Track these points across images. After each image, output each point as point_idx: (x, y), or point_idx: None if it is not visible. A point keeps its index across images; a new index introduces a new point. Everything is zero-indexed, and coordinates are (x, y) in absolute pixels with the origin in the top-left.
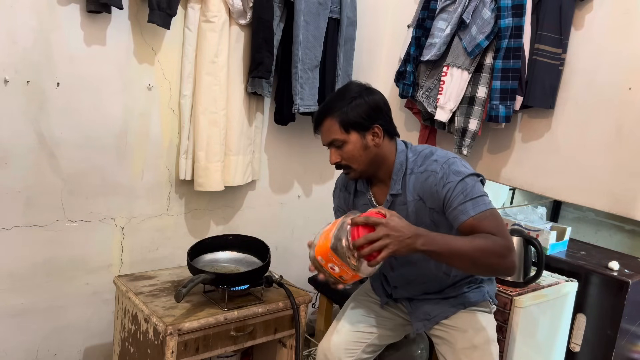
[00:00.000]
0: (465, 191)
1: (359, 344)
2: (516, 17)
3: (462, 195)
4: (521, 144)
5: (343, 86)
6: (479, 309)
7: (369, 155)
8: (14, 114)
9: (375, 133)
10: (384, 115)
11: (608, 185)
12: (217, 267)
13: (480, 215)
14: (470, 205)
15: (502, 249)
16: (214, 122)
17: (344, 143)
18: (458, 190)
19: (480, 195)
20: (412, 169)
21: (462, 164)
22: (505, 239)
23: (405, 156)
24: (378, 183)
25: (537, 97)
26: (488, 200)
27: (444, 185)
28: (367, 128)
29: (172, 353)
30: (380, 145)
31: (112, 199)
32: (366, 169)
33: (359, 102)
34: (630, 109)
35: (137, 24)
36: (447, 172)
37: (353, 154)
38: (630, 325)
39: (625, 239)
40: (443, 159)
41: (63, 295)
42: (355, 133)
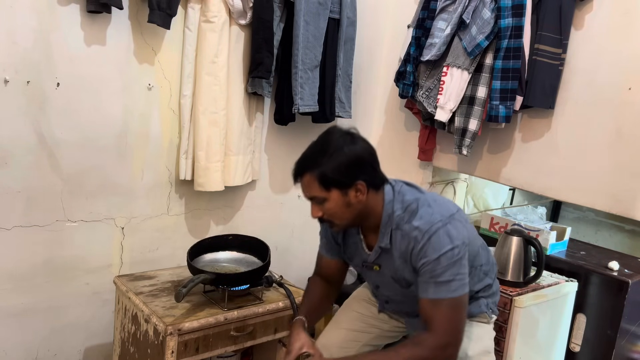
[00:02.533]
0: (435, 272)
1: (354, 342)
2: (516, 17)
3: (429, 274)
4: (521, 144)
5: (324, 134)
6: (475, 320)
7: (352, 211)
8: (14, 114)
9: (358, 189)
10: (367, 169)
11: (608, 185)
12: (217, 267)
13: (436, 301)
14: (432, 287)
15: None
16: (214, 122)
17: (324, 200)
18: (429, 268)
19: (446, 280)
20: (398, 223)
21: (446, 235)
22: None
23: (392, 208)
24: (368, 228)
25: (537, 97)
26: (455, 286)
27: (421, 258)
28: (349, 185)
29: (172, 353)
30: (365, 201)
31: (112, 199)
32: (350, 224)
33: (339, 157)
34: (630, 109)
35: (137, 24)
36: (426, 245)
37: (334, 211)
38: (630, 325)
39: (625, 239)
40: (426, 225)
41: (63, 295)
42: (336, 190)
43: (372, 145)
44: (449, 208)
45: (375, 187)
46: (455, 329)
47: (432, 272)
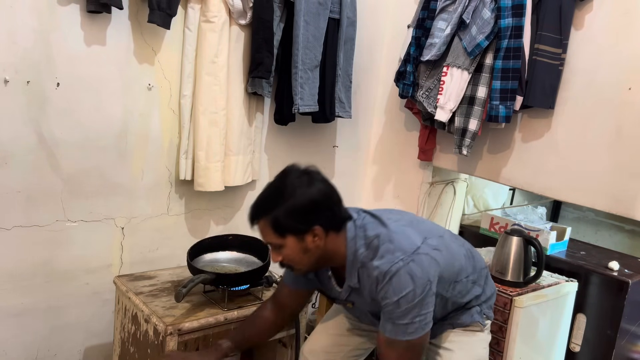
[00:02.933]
0: (394, 313)
1: (341, 347)
2: (516, 17)
3: (389, 313)
4: (521, 144)
5: (280, 175)
6: (469, 329)
7: (311, 257)
8: (14, 114)
9: (315, 234)
10: (324, 212)
11: (608, 185)
12: (217, 267)
13: (392, 341)
14: (390, 326)
15: None
16: (214, 122)
17: (281, 246)
18: (389, 309)
19: (404, 323)
20: (363, 262)
21: (407, 274)
22: None
23: (355, 246)
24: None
25: (537, 97)
26: (413, 328)
27: (382, 297)
28: (304, 231)
29: None
30: (324, 244)
31: (112, 199)
32: (312, 268)
33: (293, 202)
34: (630, 109)
35: (137, 24)
36: (386, 286)
37: (292, 257)
38: (630, 325)
39: (625, 239)
40: (386, 265)
41: (63, 295)
42: (291, 237)
43: (331, 185)
44: (411, 242)
45: (335, 229)
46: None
47: (392, 313)
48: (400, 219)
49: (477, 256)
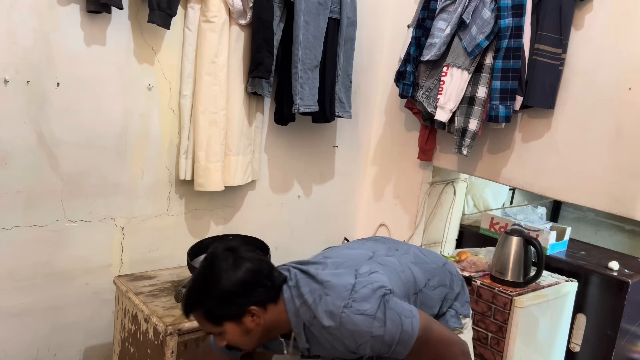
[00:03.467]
0: (386, 342)
1: None
2: (516, 17)
3: (386, 346)
4: (521, 144)
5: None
6: None
7: (255, 335)
8: (14, 114)
9: (253, 314)
10: (256, 290)
11: (608, 186)
12: None
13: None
14: (401, 348)
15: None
16: (214, 122)
17: (221, 334)
18: (378, 346)
19: (400, 334)
20: (308, 320)
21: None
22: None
23: (294, 307)
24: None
25: (537, 97)
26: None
27: (358, 347)
28: (240, 315)
29: (172, 353)
30: (265, 319)
31: (112, 199)
32: (260, 343)
33: (221, 289)
34: (630, 109)
35: (137, 24)
36: (350, 336)
37: (236, 341)
38: (630, 325)
39: (625, 239)
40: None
41: (63, 295)
42: (229, 323)
43: (258, 259)
44: (345, 284)
45: (272, 300)
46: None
47: (384, 344)
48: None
49: (431, 257)
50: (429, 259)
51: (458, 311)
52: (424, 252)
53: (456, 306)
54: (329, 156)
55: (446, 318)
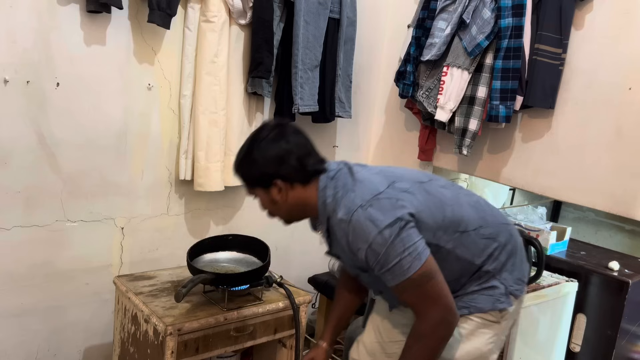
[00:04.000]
0: (379, 262)
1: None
2: (516, 17)
3: (377, 266)
4: (521, 144)
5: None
6: (484, 317)
7: (281, 207)
8: (14, 114)
9: (279, 187)
10: (288, 166)
11: (608, 185)
12: (217, 267)
13: (399, 287)
14: (389, 276)
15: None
16: (214, 122)
17: (256, 195)
18: (372, 260)
19: (394, 264)
20: (329, 214)
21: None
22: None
23: (324, 196)
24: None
25: (537, 97)
26: (406, 264)
27: (356, 251)
28: (268, 184)
29: (172, 353)
30: (291, 196)
31: (112, 199)
32: (289, 218)
33: (256, 157)
34: (630, 109)
35: (137, 24)
36: (353, 236)
37: (267, 207)
38: (630, 325)
39: (625, 239)
40: (347, 215)
41: (63, 295)
42: (259, 189)
43: (302, 138)
44: (373, 188)
45: (300, 181)
46: (435, 301)
47: (377, 261)
48: (374, 168)
49: (495, 212)
50: (491, 211)
51: (508, 288)
52: (491, 206)
53: (508, 280)
54: (329, 156)
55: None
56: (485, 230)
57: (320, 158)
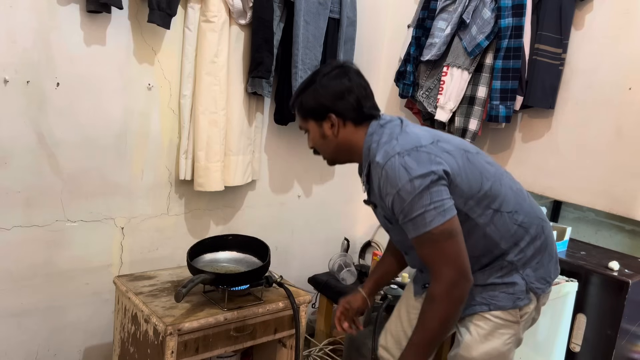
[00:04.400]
0: (404, 210)
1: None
2: (516, 17)
3: (401, 214)
4: (521, 144)
5: (319, 68)
6: (503, 317)
7: (330, 144)
8: (14, 114)
9: (331, 122)
10: (344, 103)
11: (608, 185)
12: (217, 267)
13: (418, 240)
14: (411, 226)
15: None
16: (214, 122)
17: (307, 130)
18: (397, 207)
19: (418, 215)
20: (372, 157)
21: (402, 167)
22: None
23: (370, 142)
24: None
25: (537, 97)
26: (430, 217)
27: (385, 195)
28: (322, 117)
29: (172, 353)
30: (342, 134)
31: (112, 199)
32: (334, 157)
33: (315, 88)
34: (630, 109)
35: (137, 24)
36: (385, 180)
37: (315, 141)
38: (630, 325)
39: (625, 239)
40: (384, 159)
41: (63, 295)
42: (312, 121)
43: (363, 81)
44: (416, 140)
45: (353, 121)
46: (451, 261)
47: (402, 209)
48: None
49: (532, 203)
50: (530, 202)
51: (529, 284)
52: (531, 198)
53: (530, 276)
54: None
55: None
56: (519, 217)
57: (375, 104)
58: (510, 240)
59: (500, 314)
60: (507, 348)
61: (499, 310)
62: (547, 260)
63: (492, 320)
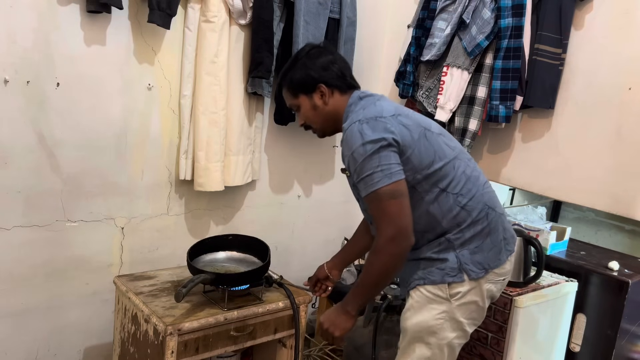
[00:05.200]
0: (356, 170)
1: None
2: (516, 17)
3: (355, 174)
4: (521, 144)
5: (300, 49)
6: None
7: (320, 114)
8: (14, 114)
9: (321, 92)
10: (329, 74)
11: (608, 185)
12: (217, 267)
13: (367, 199)
14: (362, 185)
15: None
16: (214, 122)
17: (298, 106)
18: (351, 167)
19: (368, 174)
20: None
21: (358, 132)
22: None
23: (348, 111)
24: None
25: (537, 97)
26: (377, 178)
27: (343, 157)
28: (312, 89)
29: (172, 353)
30: (330, 103)
31: (112, 199)
32: (324, 126)
33: (304, 62)
34: (630, 109)
35: (137, 24)
36: (344, 143)
37: (307, 115)
38: (630, 325)
39: (625, 239)
40: (348, 124)
41: (63, 296)
42: (302, 96)
43: (339, 56)
44: (379, 112)
45: (340, 89)
46: (392, 219)
47: (355, 169)
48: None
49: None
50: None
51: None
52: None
53: (464, 255)
54: (329, 156)
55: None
56: (463, 200)
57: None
58: (452, 220)
59: (431, 288)
60: (438, 324)
61: (431, 284)
62: (488, 248)
63: (424, 294)
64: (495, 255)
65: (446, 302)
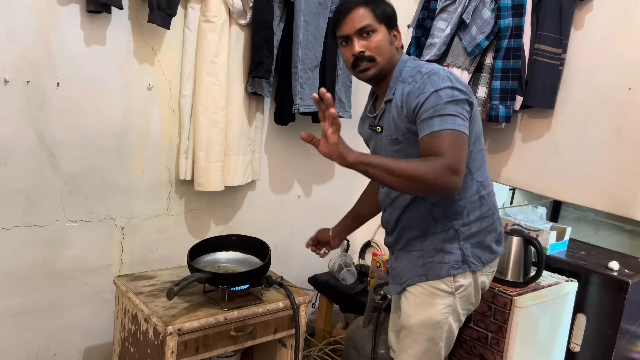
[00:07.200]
0: (437, 106)
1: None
2: (516, 17)
3: (432, 109)
4: (521, 144)
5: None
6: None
7: (391, 52)
8: (14, 114)
9: (395, 35)
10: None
11: (608, 185)
12: (218, 267)
13: (440, 133)
14: (438, 121)
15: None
16: (214, 122)
17: (374, 32)
18: (429, 103)
19: (450, 114)
20: (404, 77)
21: (447, 77)
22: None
23: (403, 66)
24: (381, 96)
25: (537, 97)
26: (460, 121)
27: (419, 95)
28: (393, 27)
29: (172, 353)
30: (395, 49)
31: (112, 199)
32: (385, 65)
33: (389, 3)
34: (630, 109)
35: (137, 24)
36: (425, 82)
37: (380, 44)
38: (630, 325)
39: (625, 239)
40: (428, 70)
41: (63, 295)
42: (384, 27)
43: None
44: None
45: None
46: (458, 158)
47: (435, 105)
48: None
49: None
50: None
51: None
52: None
53: (467, 248)
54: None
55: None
56: (483, 191)
57: None
58: (468, 207)
59: (435, 283)
60: (443, 318)
61: (434, 279)
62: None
63: (427, 290)
64: (491, 251)
65: (450, 296)
